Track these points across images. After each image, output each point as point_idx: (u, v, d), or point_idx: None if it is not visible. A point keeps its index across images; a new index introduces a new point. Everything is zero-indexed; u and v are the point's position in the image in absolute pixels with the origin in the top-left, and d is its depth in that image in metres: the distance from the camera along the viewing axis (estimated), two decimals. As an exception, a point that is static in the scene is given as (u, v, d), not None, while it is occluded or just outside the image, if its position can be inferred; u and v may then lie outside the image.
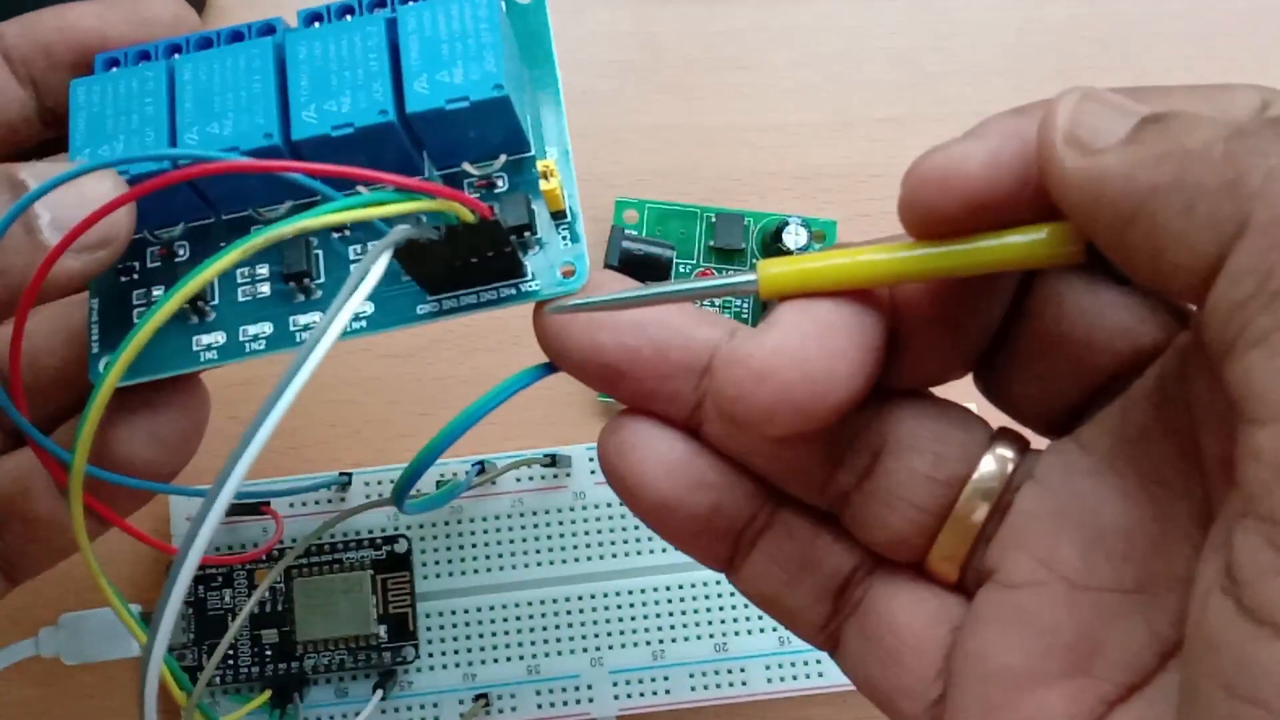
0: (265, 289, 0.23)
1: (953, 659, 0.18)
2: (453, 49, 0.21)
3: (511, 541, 0.32)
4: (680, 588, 0.32)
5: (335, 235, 0.22)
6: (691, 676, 0.31)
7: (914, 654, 0.19)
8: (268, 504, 0.31)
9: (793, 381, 0.17)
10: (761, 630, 0.31)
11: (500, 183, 0.22)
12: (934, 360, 0.19)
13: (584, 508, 0.32)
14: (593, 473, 0.32)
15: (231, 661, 0.30)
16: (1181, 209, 0.14)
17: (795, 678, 0.31)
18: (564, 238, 0.22)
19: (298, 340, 0.22)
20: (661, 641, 0.31)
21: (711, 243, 0.34)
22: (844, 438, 0.19)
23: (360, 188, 0.20)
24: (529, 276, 0.22)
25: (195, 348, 0.22)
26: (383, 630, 0.31)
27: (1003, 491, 0.18)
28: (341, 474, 0.32)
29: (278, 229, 0.18)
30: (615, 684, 0.31)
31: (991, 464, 0.18)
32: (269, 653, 0.30)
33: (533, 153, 0.22)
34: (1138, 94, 0.17)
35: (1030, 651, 0.17)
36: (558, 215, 0.22)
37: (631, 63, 0.37)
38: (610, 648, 0.31)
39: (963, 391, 0.20)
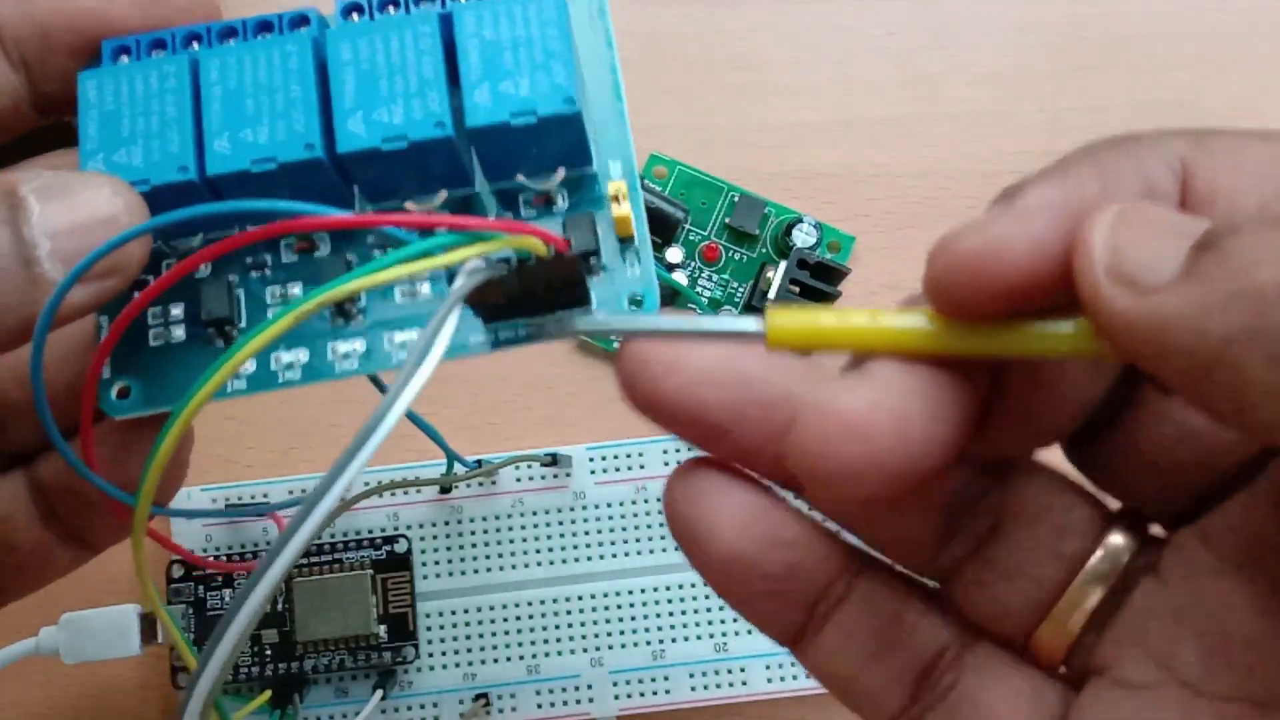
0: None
1: None
2: (517, 56, 0.19)
3: (511, 541, 0.32)
4: (680, 588, 0.32)
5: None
6: (691, 676, 0.31)
7: None
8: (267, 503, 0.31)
9: (888, 442, 0.15)
10: (762, 630, 0.31)
11: (560, 200, 0.21)
12: (1022, 431, 0.17)
13: (584, 508, 0.32)
14: (592, 473, 0.32)
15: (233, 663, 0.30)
16: (1266, 361, 0.12)
17: (795, 678, 0.31)
18: (631, 264, 0.20)
19: (336, 370, 0.20)
20: (661, 641, 0.31)
21: (728, 220, 0.35)
22: (961, 505, 0.17)
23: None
24: (593, 306, 0.20)
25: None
26: (383, 630, 0.31)
27: (1120, 577, 0.17)
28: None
29: (358, 279, 0.17)
30: (615, 684, 0.31)
31: (1111, 546, 0.17)
32: (269, 653, 0.30)
33: (594, 168, 0.21)
34: (1200, 146, 0.15)
35: None
36: (624, 240, 0.20)
37: (631, 63, 0.37)
38: (610, 648, 0.31)
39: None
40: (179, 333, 0.20)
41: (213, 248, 0.17)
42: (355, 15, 0.20)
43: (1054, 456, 0.18)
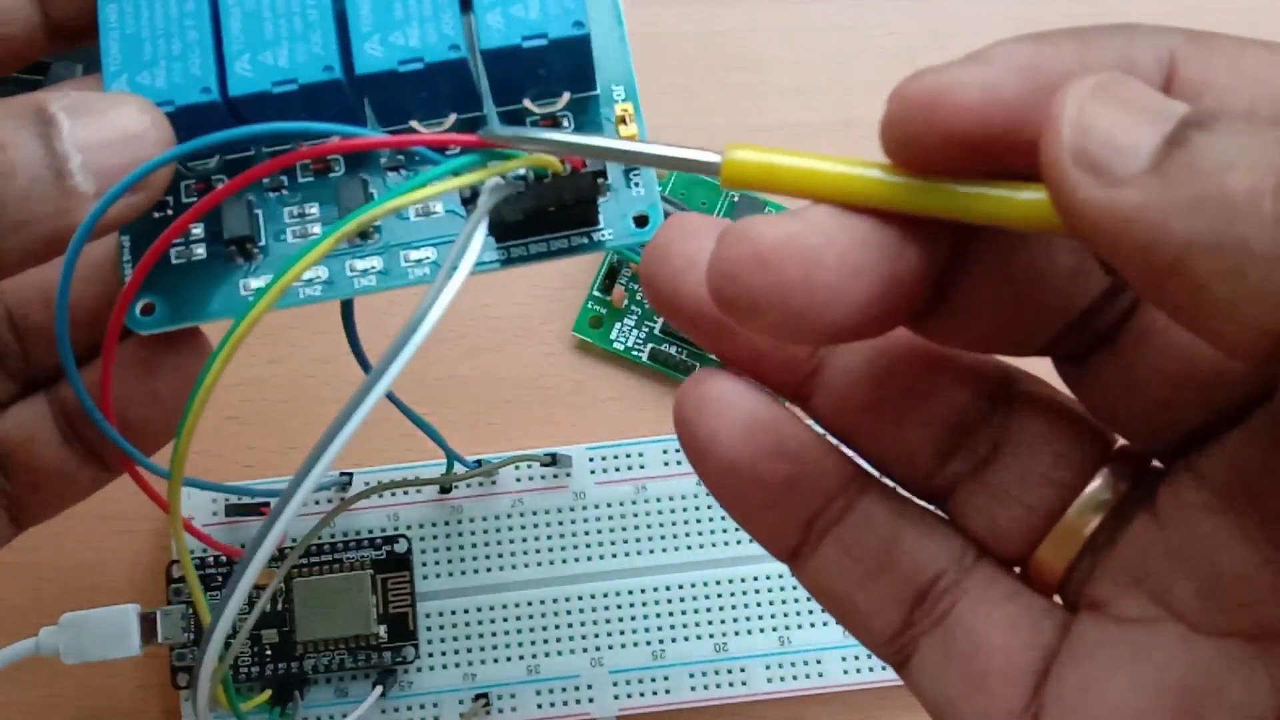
0: (316, 229, 0.22)
1: (1048, 690, 0.16)
2: None
3: (511, 541, 0.32)
4: (680, 588, 0.32)
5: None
6: (691, 676, 0.31)
7: (1004, 680, 0.17)
8: (268, 505, 0.31)
9: (793, 277, 0.14)
10: (762, 630, 0.31)
11: (565, 122, 0.21)
12: (997, 331, 0.16)
13: (584, 508, 0.32)
14: (592, 473, 0.32)
15: (232, 661, 0.30)
16: (1227, 273, 0.12)
17: (795, 678, 0.31)
18: (635, 184, 0.21)
19: (355, 286, 0.21)
20: (661, 641, 0.31)
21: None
22: (964, 425, 0.17)
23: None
24: (601, 225, 0.21)
25: (243, 292, 0.21)
26: (383, 630, 0.31)
27: (1116, 508, 0.17)
28: (342, 474, 0.32)
29: (401, 196, 0.18)
30: (615, 684, 0.31)
31: (1108, 477, 0.17)
32: (269, 653, 0.30)
33: (597, 90, 0.21)
34: (1198, 44, 0.15)
35: (1140, 692, 0.15)
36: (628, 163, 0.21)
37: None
38: (610, 648, 0.31)
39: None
40: (200, 251, 0.21)
41: (256, 170, 0.18)
42: None
43: (1057, 383, 0.18)
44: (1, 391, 0.24)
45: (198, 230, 0.21)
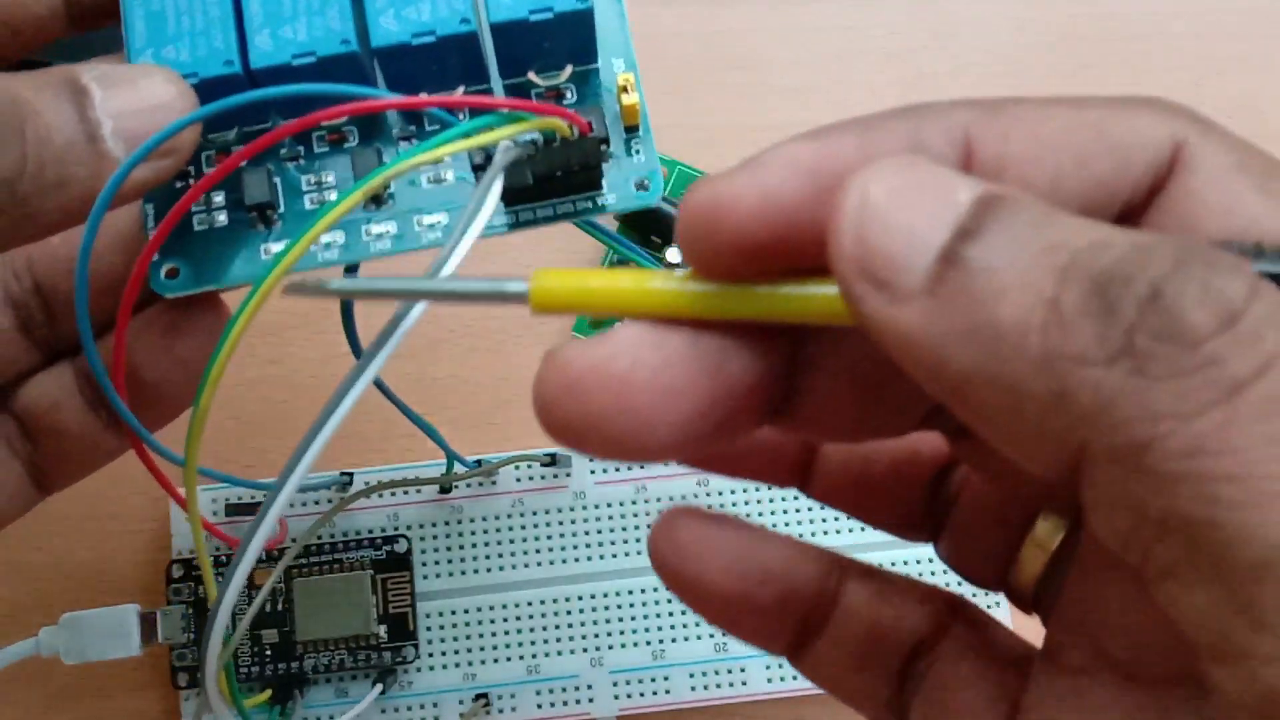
0: (332, 196, 0.22)
1: None
2: None
3: (511, 541, 0.32)
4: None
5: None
6: (691, 676, 0.31)
7: None
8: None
9: (603, 402, 0.14)
10: (761, 630, 0.31)
11: (568, 94, 0.22)
12: (857, 419, 0.17)
13: (584, 507, 0.32)
14: (592, 472, 0.32)
15: (233, 658, 0.30)
16: (1007, 408, 0.12)
17: (795, 678, 0.31)
18: (636, 151, 0.22)
19: (371, 250, 0.22)
20: (661, 641, 0.31)
21: None
22: (939, 479, 0.19)
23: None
24: (604, 190, 0.22)
25: (264, 256, 0.22)
26: (383, 630, 0.31)
27: (1056, 551, 0.17)
28: (343, 473, 0.32)
29: (419, 155, 0.19)
30: (615, 684, 0.31)
31: (1045, 523, 0.17)
32: (269, 653, 0.30)
33: (599, 64, 0.22)
34: (997, 117, 0.14)
35: None
36: (630, 130, 0.22)
37: (631, 63, 0.37)
38: (610, 647, 0.31)
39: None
40: (222, 218, 0.22)
41: (276, 132, 0.19)
42: None
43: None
44: (26, 360, 0.25)
45: (219, 198, 0.22)
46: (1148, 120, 0.14)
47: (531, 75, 0.22)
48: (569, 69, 0.22)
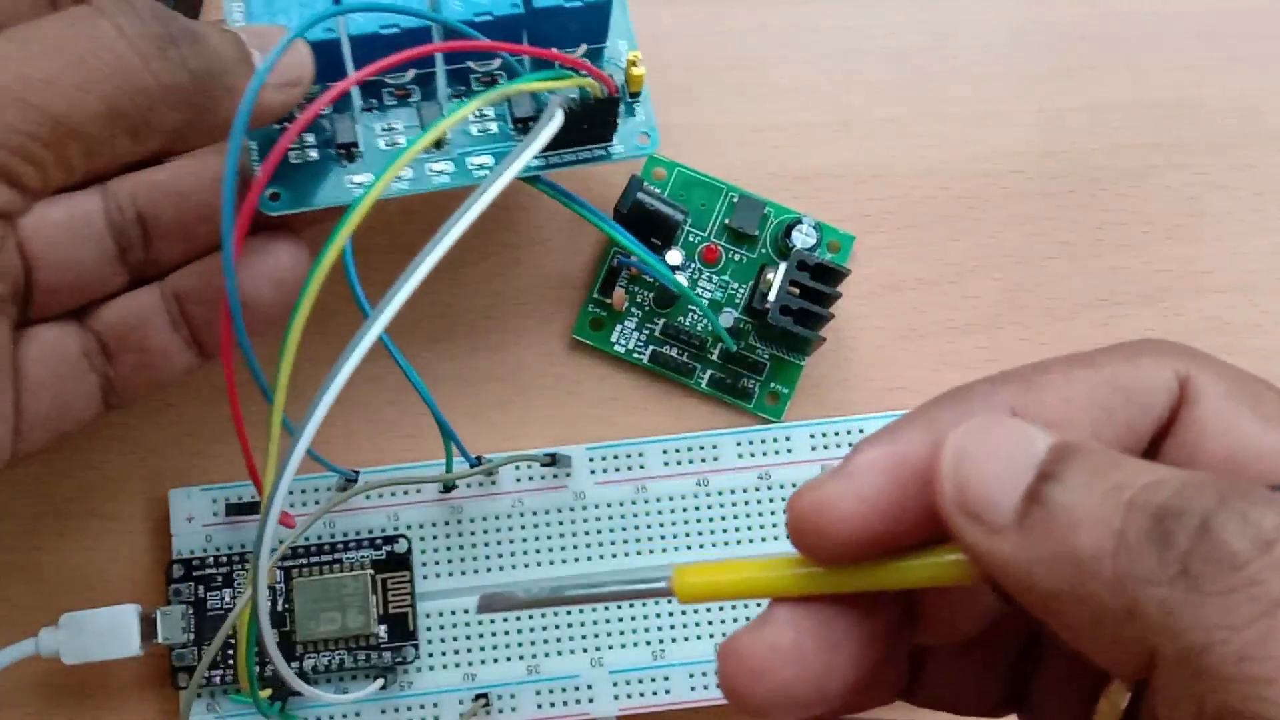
0: (402, 140, 0.29)
1: None
2: None
3: (511, 542, 0.32)
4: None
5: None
6: (691, 676, 0.31)
7: None
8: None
9: (786, 678, 0.17)
10: (761, 630, 0.31)
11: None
12: (951, 628, 0.19)
13: (584, 508, 0.32)
14: (592, 473, 0.32)
15: (231, 661, 0.30)
16: (1088, 623, 0.14)
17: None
18: (638, 114, 0.30)
19: (433, 183, 0.29)
20: (661, 641, 0.31)
21: (728, 221, 0.34)
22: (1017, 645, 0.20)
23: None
24: (614, 142, 0.29)
25: (348, 184, 0.28)
26: (383, 630, 0.31)
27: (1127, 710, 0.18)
28: (351, 473, 0.32)
29: (500, 90, 0.26)
30: (615, 684, 0.31)
31: (1113, 693, 0.18)
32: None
33: (606, 44, 0.30)
34: (1030, 388, 0.17)
35: None
36: (634, 95, 0.30)
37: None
38: (610, 648, 0.31)
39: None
40: (313, 154, 0.28)
41: (369, 68, 0.24)
42: None
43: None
44: (116, 283, 0.28)
45: (310, 139, 0.28)
46: (1150, 364, 0.17)
47: (555, 51, 0.27)
48: (584, 46, 0.28)
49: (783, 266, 0.32)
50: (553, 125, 0.26)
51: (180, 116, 0.23)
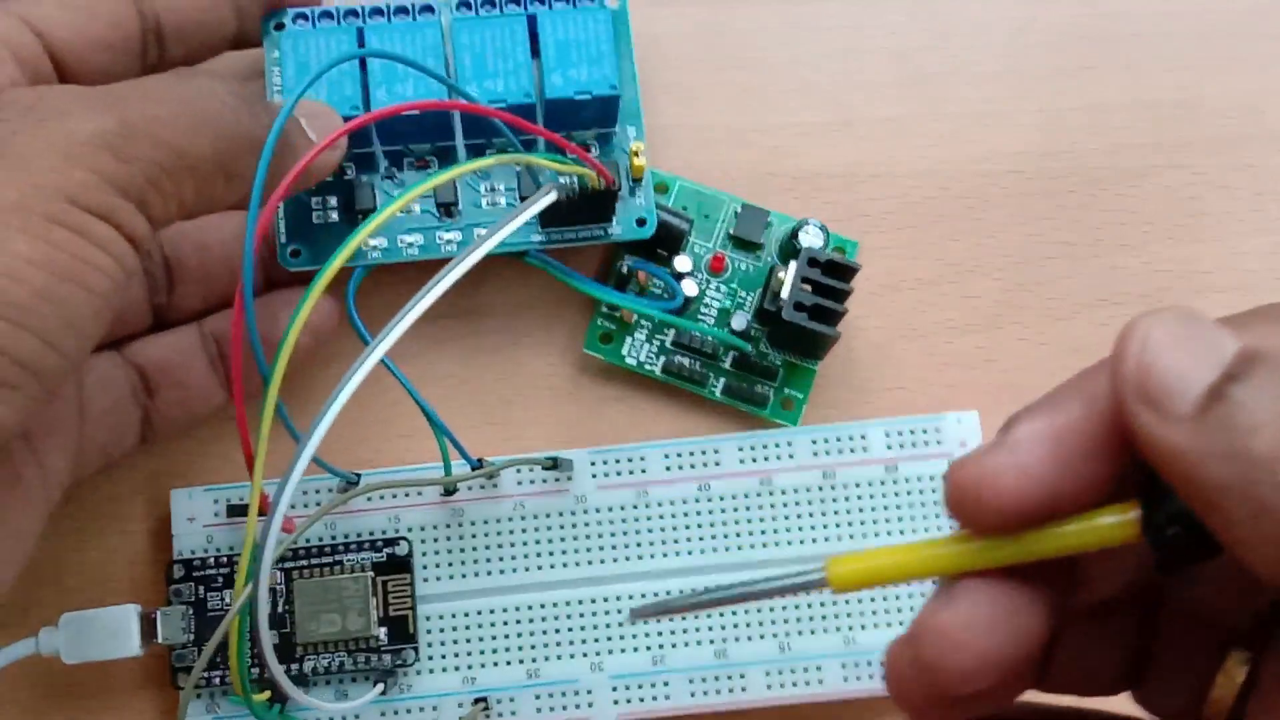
0: (417, 209, 0.32)
1: None
2: (579, 53, 0.31)
3: (512, 545, 0.32)
4: (681, 593, 0.32)
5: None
6: (691, 682, 0.31)
7: None
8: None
9: (986, 646, 0.17)
10: (761, 637, 0.31)
11: (593, 149, 0.33)
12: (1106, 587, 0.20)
13: (585, 511, 0.32)
14: (594, 476, 0.32)
15: (246, 654, 0.30)
16: (1248, 518, 0.15)
17: (795, 685, 0.31)
18: (638, 197, 0.32)
19: (442, 250, 0.32)
20: (661, 646, 0.31)
21: (732, 231, 0.34)
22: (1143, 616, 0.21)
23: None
24: (613, 223, 0.32)
25: (364, 245, 0.31)
26: (383, 632, 0.31)
27: (1244, 681, 0.19)
28: (352, 474, 0.32)
29: (509, 156, 0.30)
30: (615, 689, 0.31)
31: (1232, 662, 0.19)
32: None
33: (616, 129, 0.33)
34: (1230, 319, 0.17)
35: None
36: (635, 181, 0.32)
37: (631, 63, 0.37)
38: (610, 652, 0.31)
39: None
40: (334, 216, 0.31)
41: (379, 111, 0.28)
42: (465, 10, 0.32)
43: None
44: (143, 322, 0.31)
45: (333, 201, 0.31)
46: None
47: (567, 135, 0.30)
48: (594, 131, 0.32)
49: (793, 265, 0.32)
50: (542, 202, 0.28)
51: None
